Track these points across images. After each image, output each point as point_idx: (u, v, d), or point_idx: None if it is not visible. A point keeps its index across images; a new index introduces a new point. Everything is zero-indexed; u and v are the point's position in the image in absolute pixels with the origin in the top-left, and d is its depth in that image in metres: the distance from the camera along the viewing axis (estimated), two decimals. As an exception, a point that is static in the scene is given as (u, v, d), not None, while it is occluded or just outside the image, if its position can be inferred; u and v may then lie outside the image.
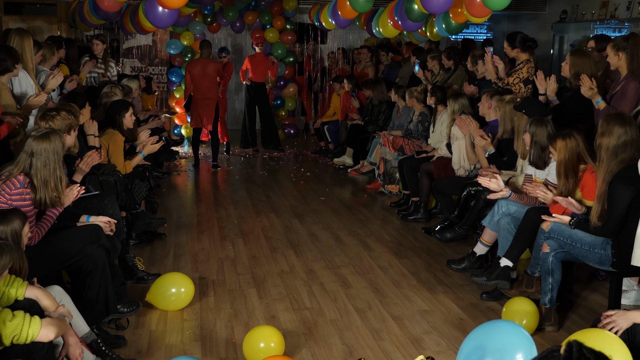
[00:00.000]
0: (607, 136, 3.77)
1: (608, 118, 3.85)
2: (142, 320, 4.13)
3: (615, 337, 2.89)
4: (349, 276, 4.97)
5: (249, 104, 10.64)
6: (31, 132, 3.63)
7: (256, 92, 10.50)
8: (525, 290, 4.31)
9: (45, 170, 3.52)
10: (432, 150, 6.71)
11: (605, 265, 3.92)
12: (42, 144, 3.52)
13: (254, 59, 10.35)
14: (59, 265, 3.70)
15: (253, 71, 10.31)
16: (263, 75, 10.40)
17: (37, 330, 2.78)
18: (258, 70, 10.32)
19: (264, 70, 10.38)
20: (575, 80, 5.05)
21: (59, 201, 3.61)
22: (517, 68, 5.83)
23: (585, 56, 5.10)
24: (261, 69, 10.34)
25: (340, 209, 7.02)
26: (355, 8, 7.35)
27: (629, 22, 9.54)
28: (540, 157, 4.47)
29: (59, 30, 9.71)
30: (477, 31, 12.99)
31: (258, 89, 10.50)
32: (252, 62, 10.32)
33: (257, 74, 10.35)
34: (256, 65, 10.31)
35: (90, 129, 5.02)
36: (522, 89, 5.75)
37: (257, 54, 10.35)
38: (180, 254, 5.48)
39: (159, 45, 11.43)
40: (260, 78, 10.40)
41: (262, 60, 10.35)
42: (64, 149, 3.71)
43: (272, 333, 3.57)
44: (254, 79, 10.34)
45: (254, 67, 10.30)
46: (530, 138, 4.48)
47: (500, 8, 6.17)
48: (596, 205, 3.81)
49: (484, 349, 2.76)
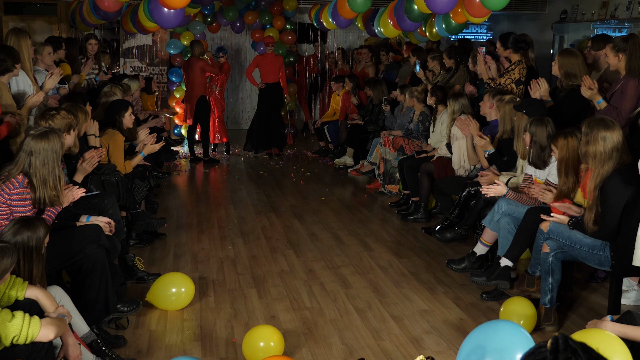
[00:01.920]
0: (593, 144, 3.73)
1: (591, 124, 3.78)
2: (142, 320, 4.13)
3: (615, 337, 2.89)
4: (349, 276, 4.97)
5: (263, 106, 10.10)
6: (30, 131, 3.63)
7: (272, 93, 10.01)
8: (526, 290, 4.31)
9: (44, 169, 3.52)
10: (432, 150, 6.71)
11: (605, 266, 3.93)
12: (41, 143, 3.52)
13: (264, 59, 9.89)
14: (59, 265, 3.70)
15: (264, 72, 9.89)
16: (276, 75, 9.95)
17: (37, 330, 2.78)
18: (270, 70, 9.90)
19: (276, 70, 9.93)
20: (566, 79, 5.06)
21: (58, 200, 3.61)
22: (509, 69, 5.87)
23: (573, 55, 5.10)
24: (273, 69, 9.90)
25: (340, 209, 7.02)
26: (354, 8, 7.35)
27: (629, 22, 9.54)
28: (540, 157, 4.47)
29: (59, 30, 9.70)
30: (477, 31, 12.99)
31: (274, 90, 10.02)
32: (262, 62, 9.87)
33: (269, 74, 9.93)
34: (267, 66, 9.88)
35: (91, 129, 5.02)
36: (515, 90, 5.78)
37: (268, 54, 9.89)
38: (180, 254, 5.48)
39: (159, 45, 11.43)
40: (274, 78, 9.97)
41: (273, 60, 9.91)
42: (63, 148, 3.72)
43: (272, 332, 3.57)
44: (266, 80, 9.93)
45: (265, 68, 9.87)
46: (530, 138, 4.48)
47: (498, 8, 6.17)
48: (588, 212, 3.79)
49: (483, 349, 2.76)
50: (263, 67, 9.87)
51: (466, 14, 6.57)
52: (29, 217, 3.24)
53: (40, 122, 4.07)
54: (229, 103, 12.95)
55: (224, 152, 10.53)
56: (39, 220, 3.18)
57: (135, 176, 5.50)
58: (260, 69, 9.90)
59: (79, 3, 8.92)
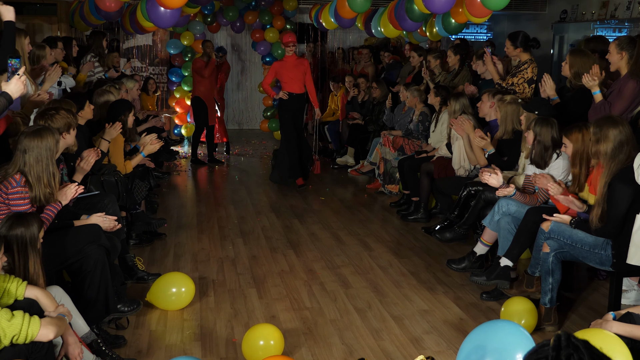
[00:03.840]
0: (604, 142, 3.80)
1: (600, 123, 3.86)
2: (142, 320, 4.13)
3: (615, 337, 2.89)
4: (349, 276, 4.97)
5: (289, 127, 7.95)
6: (24, 130, 3.65)
7: (298, 107, 8.00)
8: (525, 290, 4.31)
9: (38, 167, 3.54)
10: (432, 150, 6.71)
11: (606, 266, 3.92)
12: (34, 141, 3.54)
13: (286, 64, 7.80)
14: (59, 265, 3.70)
15: (286, 81, 7.80)
16: (301, 83, 7.85)
17: (37, 329, 2.78)
18: (294, 78, 7.81)
19: (301, 77, 7.82)
20: (575, 79, 5.05)
21: (52, 197, 3.62)
22: (522, 68, 5.79)
23: (585, 55, 5.11)
24: (297, 75, 7.80)
25: (340, 209, 7.01)
26: (354, 8, 7.35)
27: (629, 22, 9.55)
28: (542, 157, 4.47)
29: (59, 30, 9.70)
30: (477, 31, 12.99)
31: (299, 102, 7.98)
32: (284, 69, 7.79)
33: (294, 83, 7.82)
34: (291, 72, 7.77)
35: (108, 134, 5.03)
36: (527, 89, 5.75)
37: (288, 59, 7.80)
38: (180, 254, 5.48)
39: (159, 45, 11.43)
40: (299, 88, 7.85)
41: (296, 65, 7.81)
42: (59, 145, 3.72)
43: (272, 331, 3.57)
44: (291, 90, 7.81)
45: (289, 76, 7.78)
46: (534, 137, 4.48)
47: (499, 8, 6.17)
48: (596, 207, 3.82)
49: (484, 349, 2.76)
50: (284, 75, 7.80)
51: (467, 13, 6.58)
52: (21, 213, 3.24)
53: (40, 122, 4.07)
54: (229, 103, 12.96)
55: (224, 152, 10.53)
56: (32, 215, 3.19)
57: (136, 176, 5.51)
58: (281, 77, 7.84)
59: (79, 3, 8.92)
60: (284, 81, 7.83)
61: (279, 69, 7.82)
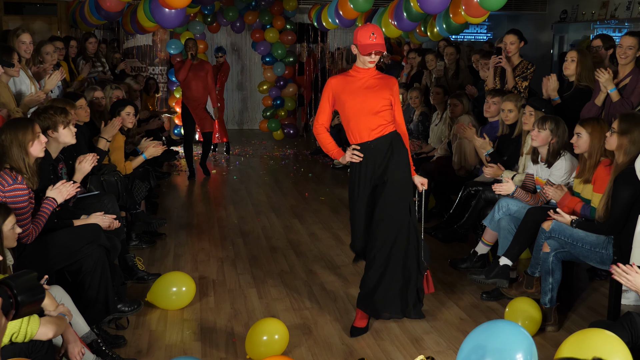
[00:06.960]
0: (630, 133, 3.77)
1: (627, 119, 3.82)
2: (142, 320, 4.13)
3: (615, 337, 2.88)
4: (349, 276, 4.97)
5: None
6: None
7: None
8: (525, 291, 4.31)
9: (11, 152, 3.51)
10: (432, 150, 6.71)
11: (606, 265, 3.92)
12: (7, 130, 3.53)
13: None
14: (58, 265, 3.70)
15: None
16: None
17: (36, 328, 2.78)
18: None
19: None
20: (581, 79, 5.04)
21: (30, 182, 3.57)
22: (529, 72, 5.71)
23: (590, 57, 5.16)
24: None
25: (340, 209, 7.01)
26: (356, 8, 7.35)
27: (629, 22, 9.55)
28: (554, 157, 4.47)
29: (59, 30, 9.71)
30: (477, 31, 13.00)
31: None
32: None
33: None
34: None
35: (106, 132, 5.05)
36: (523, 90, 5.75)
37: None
38: (180, 254, 5.48)
39: (159, 45, 11.43)
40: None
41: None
42: (34, 134, 3.61)
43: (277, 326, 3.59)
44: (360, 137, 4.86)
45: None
46: (551, 136, 4.45)
47: (496, 8, 6.15)
48: (604, 197, 3.85)
49: (484, 349, 2.75)
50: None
51: (464, 14, 6.57)
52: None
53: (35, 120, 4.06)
54: (229, 103, 12.97)
55: (224, 152, 10.52)
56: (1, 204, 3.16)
57: (136, 177, 5.51)
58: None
59: (79, 3, 8.92)
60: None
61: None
